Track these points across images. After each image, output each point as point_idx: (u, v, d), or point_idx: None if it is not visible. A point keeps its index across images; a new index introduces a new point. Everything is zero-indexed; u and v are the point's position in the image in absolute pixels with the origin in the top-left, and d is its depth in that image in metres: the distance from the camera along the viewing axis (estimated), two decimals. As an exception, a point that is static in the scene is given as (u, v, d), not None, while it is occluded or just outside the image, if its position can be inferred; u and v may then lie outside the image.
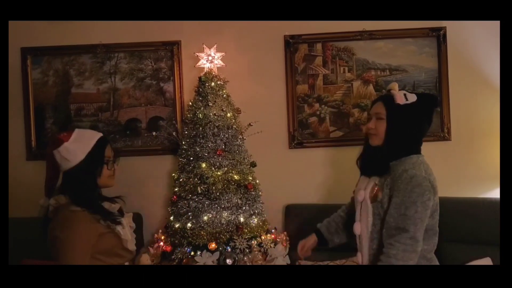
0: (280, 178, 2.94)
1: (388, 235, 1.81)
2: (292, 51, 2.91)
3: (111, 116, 2.94)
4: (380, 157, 1.91)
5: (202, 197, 2.39)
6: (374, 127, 1.92)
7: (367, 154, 2.01)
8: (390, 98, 1.91)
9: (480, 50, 2.87)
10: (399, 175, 1.84)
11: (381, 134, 1.90)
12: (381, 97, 1.99)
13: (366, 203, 1.92)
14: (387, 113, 1.90)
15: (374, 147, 1.94)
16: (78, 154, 1.72)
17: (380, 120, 1.90)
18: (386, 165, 1.89)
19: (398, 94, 1.92)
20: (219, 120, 2.47)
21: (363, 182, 1.99)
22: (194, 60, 2.72)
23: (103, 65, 2.93)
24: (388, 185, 1.86)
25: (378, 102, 1.96)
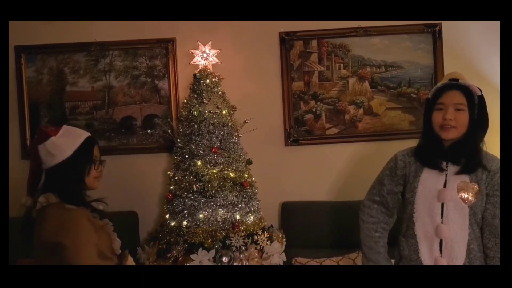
0: (276, 175, 2.92)
1: (499, 237, 1.70)
2: (288, 48, 2.88)
3: (106, 114, 2.90)
4: (466, 152, 1.75)
5: (197, 195, 2.37)
6: (454, 118, 1.74)
7: (438, 148, 1.79)
8: (467, 89, 1.77)
9: (475, 46, 2.85)
10: (495, 172, 1.74)
11: (462, 127, 1.74)
12: (455, 86, 1.78)
13: (457, 204, 1.73)
14: (468, 104, 1.75)
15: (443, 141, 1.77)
16: (66, 150, 1.64)
17: (461, 112, 1.74)
18: (479, 160, 1.75)
19: (473, 85, 1.80)
20: (214, 117, 2.44)
21: (437, 180, 1.77)
22: (189, 58, 2.69)
23: (97, 63, 2.90)
24: (485, 183, 1.74)
25: (452, 91, 1.76)
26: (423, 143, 1.85)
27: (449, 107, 1.75)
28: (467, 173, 1.75)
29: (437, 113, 1.77)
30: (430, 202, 1.77)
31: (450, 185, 1.75)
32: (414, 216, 1.80)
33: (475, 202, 1.73)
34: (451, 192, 1.74)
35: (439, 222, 1.75)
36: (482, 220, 1.76)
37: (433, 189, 1.77)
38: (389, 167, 1.91)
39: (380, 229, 1.91)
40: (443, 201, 1.75)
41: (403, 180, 1.86)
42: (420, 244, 1.77)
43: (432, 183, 1.78)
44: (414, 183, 1.81)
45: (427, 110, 1.84)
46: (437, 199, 1.75)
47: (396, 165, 1.88)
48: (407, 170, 1.85)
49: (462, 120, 1.75)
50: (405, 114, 2.86)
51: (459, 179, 1.75)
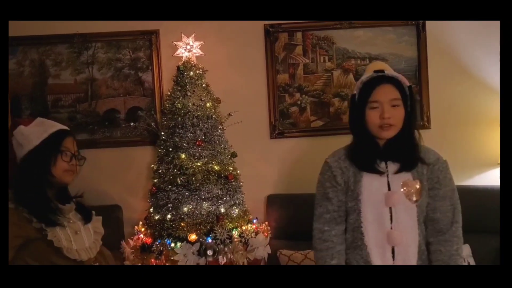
0: (262, 168, 2.89)
1: (440, 232, 1.63)
2: (272, 40, 2.84)
3: (89, 107, 2.84)
4: (405, 148, 1.63)
5: (181, 188, 2.32)
6: (391, 115, 1.60)
7: (375, 149, 1.65)
8: (397, 81, 1.64)
9: (459, 38, 2.83)
10: (433, 164, 1.66)
11: (399, 123, 1.62)
12: (385, 79, 1.63)
13: (405, 206, 1.61)
14: (402, 98, 1.63)
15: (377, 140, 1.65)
16: (33, 139, 1.57)
17: (397, 107, 1.61)
18: (418, 155, 1.64)
19: (401, 75, 1.69)
20: (198, 110, 2.40)
21: (380, 183, 1.63)
22: (173, 50, 2.63)
23: (80, 55, 2.83)
24: (426, 177, 1.65)
25: (384, 86, 1.62)
26: (357, 145, 1.69)
27: (384, 105, 1.60)
28: (408, 170, 1.63)
29: (372, 112, 1.62)
30: (377, 208, 1.62)
31: (394, 186, 1.62)
32: (362, 225, 1.63)
33: (421, 199, 1.62)
34: (398, 195, 1.60)
35: (389, 228, 1.61)
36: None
37: (379, 194, 1.62)
38: (326, 177, 1.71)
39: (337, 255, 1.67)
40: (391, 206, 1.61)
41: (346, 188, 1.67)
42: (371, 255, 1.62)
43: (376, 188, 1.63)
44: (356, 190, 1.64)
45: (356, 108, 1.67)
46: (385, 204, 1.61)
47: (333, 172, 1.68)
48: (345, 177, 1.67)
49: (399, 116, 1.62)
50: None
51: (402, 178, 1.62)
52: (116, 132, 2.85)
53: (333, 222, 1.69)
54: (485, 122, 2.83)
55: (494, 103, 2.82)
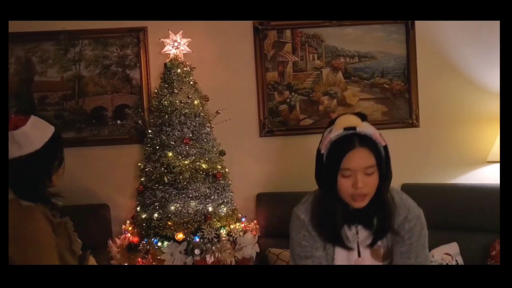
0: (251, 166, 2.86)
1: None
2: (261, 38, 2.81)
3: (76, 104, 2.79)
4: (379, 213, 1.48)
5: (169, 187, 2.29)
6: (365, 185, 1.43)
7: (345, 214, 1.50)
8: (371, 141, 1.43)
9: (448, 36, 2.82)
10: (400, 224, 1.50)
11: (373, 191, 1.45)
12: (359, 140, 1.42)
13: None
14: (377, 164, 1.43)
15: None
16: (35, 142, 1.52)
17: (371, 175, 1.43)
18: (390, 224, 1.49)
19: (376, 132, 1.46)
20: (185, 107, 2.36)
21: (350, 252, 1.53)
22: (161, 47, 2.59)
23: (67, 52, 2.78)
24: (389, 240, 1.54)
25: (357, 151, 1.41)
26: (325, 210, 1.51)
27: (358, 173, 1.41)
28: (379, 239, 1.52)
29: (344, 181, 1.43)
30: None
31: (364, 253, 1.52)
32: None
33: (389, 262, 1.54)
34: (367, 261, 1.52)
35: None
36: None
37: (350, 260, 1.53)
38: (301, 236, 1.55)
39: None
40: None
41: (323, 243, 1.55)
42: None
43: (346, 254, 1.53)
44: (331, 254, 1.55)
45: (325, 169, 1.47)
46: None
47: (310, 231, 1.54)
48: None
49: (373, 184, 1.44)
50: (378, 104, 2.82)
51: (371, 244, 1.52)
52: (104, 130, 2.80)
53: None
54: (474, 120, 2.82)
55: (483, 102, 2.81)
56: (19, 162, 1.50)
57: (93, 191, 2.76)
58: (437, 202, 2.58)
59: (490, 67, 2.81)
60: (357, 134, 1.43)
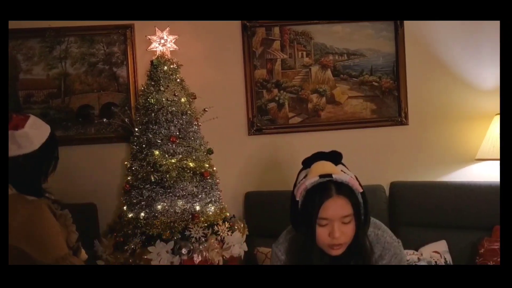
0: (240, 165, 2.83)
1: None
2: (250, 35, 2.78)
3: (62, 103, 2.74)
4: (356, 257, 1.46)
5: (155, 186, 2.25)
6: (342, 234, 1.40)
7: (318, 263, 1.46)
8: (348, 188, 1.41)
9: (437, 34, 2.80)
10: (376, 259, 1.49)
11: (350, 238, 1.43)
12: (335, 189, 1.39)
13: None
14: (355, 213, 1.41)
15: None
16: (34, 143, 1.55)
17: (348, 224, 1.41)
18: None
19: (352, 179, 1.42)
20: (172, 105, 2.32)
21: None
22: (148, 44, 2.55)
23: (52, 50, 2.72)
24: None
25: (334, 200, 1.39)
26: (303, 254, 1.48)
27: (335, 223, 1.39)
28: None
29: (321, 230, 1.41)
30: None
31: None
32: None
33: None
34: None
35: None
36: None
37: None
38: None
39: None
40: None
41: None
42: None
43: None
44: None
45: (299, 218, 1.44)
46: None
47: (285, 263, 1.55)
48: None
49: (350, 232, 1.42)
50: (367, 102, 2.80)
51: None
52: (90, 128, 2.75)
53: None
54: (462, 118, 2.81)
55: (471, 99, 2.81)
56: (16, 161, 1.52)
57: (80, 191, 2.71)
58: (426, 200, 2.57)
59: (478, 65, 2.81)
60: (333, 181, 1.40)
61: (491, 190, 2.49)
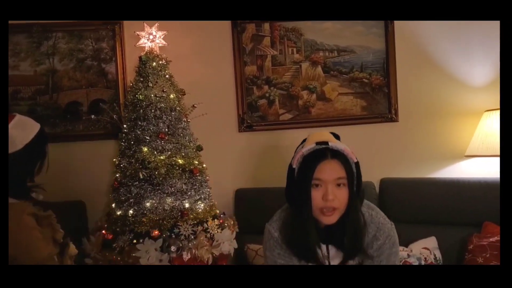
0: (230, 162, 2.81)
1: None
2: (239, 31, 2.75)
3: (50, 99, 2.70)
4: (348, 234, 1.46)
5: (144, 183, 2.21)
6: (335, 197, 1.42)
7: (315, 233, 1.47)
8: (343, 156, 1.44)
9: (427, 31, 2.79)
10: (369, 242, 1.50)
11: (343, 206, 1.44)
12: (329, 153, 1.43)
13: None
14: (348, 177, 1.43)
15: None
16: (16, 143, 1.51)
17: (341, 187, 1.43)
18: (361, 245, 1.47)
19: (347, 149, 1.46)
20: (161, 101, 2.28)
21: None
22: (137, 40, 2.51)
23: (40, 46, 2.68)
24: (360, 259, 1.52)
25: (329, 162, 1.42)
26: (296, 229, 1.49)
27: (328, 184, 1.41)
28: (350, 259, 1.50)
29: (315, 192, 1.42)
30: None
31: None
32: None
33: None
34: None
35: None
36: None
37: None
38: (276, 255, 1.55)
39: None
40: None
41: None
42: None
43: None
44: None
45: (296, 184, 1.47)
46: None
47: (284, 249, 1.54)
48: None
49: (343, 199, 1.43)
50: (357, 99, 2.78)
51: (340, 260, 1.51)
52: (79, 125, 2.71)
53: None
54: (452, 114, 2.80)
55: (461, 96, 2.80)
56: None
57: (68, 188, 2.67)
58: (416, 197, 2.56)
59: (468, 62, 2.80)
60: (329, 148, 1.44)
61: (480, 187, 2.48)
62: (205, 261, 2.18)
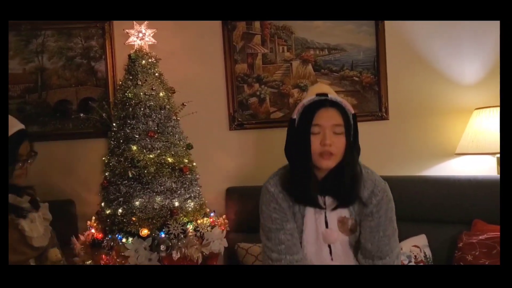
0: (221, 160, 2.79)
1: (373, 260, 1.54)
2: (230, 29, 2.73)
3: (39, 97, 2.67)
4: (344, 182, 1.51)
5: (133, 182, 2.18)
6: (332, 143, 1.47)
7: (314, 182, 1.53)
8: (341, 107, 1.51)
9: (417, 29, 2.77)
10: (368, 198, 1.54)
11: (340, 153, 1.49)
12: (328, 103, 1.50)
13: (343, 242, 1.56)
14: (345, 125, 1.49)
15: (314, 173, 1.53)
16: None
17: (339, 135, 1.49)
18: (357, 192, 1.52)
19: (345, 101, 1.54)
20: (150, 100, 2.26)
21: (318, 220, 1.55)
22: (127, 38, 2.48)
23: (29, 44, 2.65)
24: (358, 212, 1.56)
25: (327, 109, 1.49)
26: (295, 175, 1.54)
27: (326, 130, 1.47)
28: (345, 207, 1.55)
29: (314, 138, 1.48)
30: (317, 245, 1.56)
31: (332, 224, 1.54)
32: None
33: (355, 234, 1.57)
34: (335, 233, 1.54)
35: (329, 261, 1.56)
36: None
37: (318, 231, 1.55)
38: (271, 209, 1.58)
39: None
40: (329, 243, 1.55)
41: (295, 216, 1.57)
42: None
43: (315, 225, 1.55)
44: (301, 226, 1.57)
45: (296, 133, 1.53)
46: (323, 241, 1.55)
47: (280, 204, 1.57)
48: (293, 209, 1.57)
49: (340, 145, 1.49)
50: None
51: (338, 215, 1.55)
52: (68, 124, 2.69)
53: (291, 251, 1.55)
54: (443, 113, 2.79)
55: (451, 94, 2.79)
56: None
57: (58, 187, 2.65)
58: (406, 195, 2.54)
59: (458, 60, 2.79)
60: (329, 100, 1.51)
61: (470, 185, 2.47)
62: (195, 260, 2.16)
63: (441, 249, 2.41)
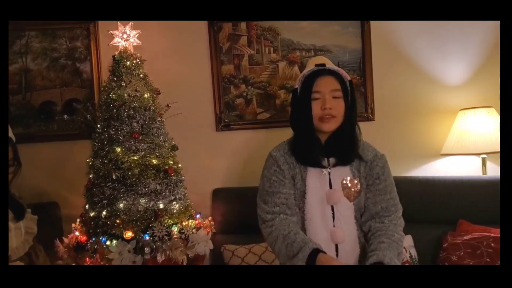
0: (207, 161, 2.76)
1: (381, 221, 1.62)
2: (216, 30, 2.70)
3: (23, 99, 2.63)
4: (345, 142, 1.62)
5: (117, 184, 2.15)
6: (332, 107, 1.59)
7: (317, 145, 1.63)
8: (338, 74, 1.64)
9: (403, 30, 2.77)
10: (371, 161, 1.66)
11: (340, 116, 1.61)
12: (326, 72, 1.63)
13: (345, 204, 1.61)
14: (343, 90, 1.62)
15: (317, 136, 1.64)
16: None
17: (338, 99, 1.61)
18: (356, 151, 1.63)
19: (342, 70, 1.68)
20: (134, 101, 2.22)
21: (322, 181, 1.61)
22: (112, 39, 2.45)
23: (12, 44, 2.61)
24: (364, 175, 1.65)
25: (325, 77, 1.62)
26: (299, 139, 1.66)
27: (326, 95, 1.60)
28: (346, 165, 1.63)
29: (314, 104, 1.61)
30: (321, 207, 1.60)
31: (335, 184, 1.61)
32: (306, 224, 1.61)
33: (359, 197, 1.63)
34: (339, 193, 1.60)
35: (331, 226, 1.60)
36: (364, 209, 1.66)
37: (321, 192, 1.61)
38: (272, 171, 1.66)
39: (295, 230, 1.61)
40: (333, 204, 1.60)
41: (293, 183, 1.64)
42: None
43: (319, 186, 1.61)
44: (302, 188, 1.62)
45: (298, 101, 1.65)
46: (327, 202, 1.60)
47: (281, 166, 1.65)
48: (293, 172, 1.64)
49: (340, 108, 1.61)
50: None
51: (342, 176, 1.61)
52: (53, 125, 2.65)
53: (284, 212, 1.63)
54: (427, 113, 2.78)
55: (436, 95, 2.78)
56: None
57: (43, 189, 2.62)
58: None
59: (443, 61, 2.78)
60: (326, 69, 1.64)
61: (455, 185, 2.47)
62: (179, 262, 2.13)
63: (426, 250, 2.41)
